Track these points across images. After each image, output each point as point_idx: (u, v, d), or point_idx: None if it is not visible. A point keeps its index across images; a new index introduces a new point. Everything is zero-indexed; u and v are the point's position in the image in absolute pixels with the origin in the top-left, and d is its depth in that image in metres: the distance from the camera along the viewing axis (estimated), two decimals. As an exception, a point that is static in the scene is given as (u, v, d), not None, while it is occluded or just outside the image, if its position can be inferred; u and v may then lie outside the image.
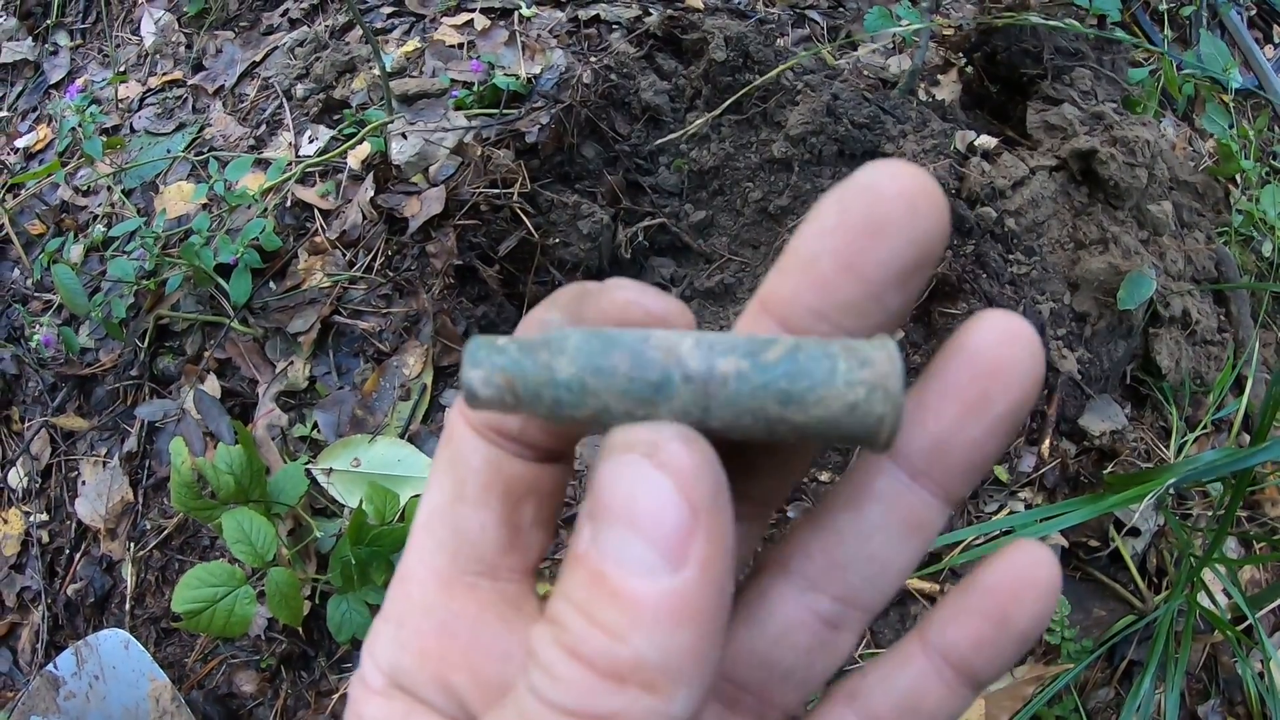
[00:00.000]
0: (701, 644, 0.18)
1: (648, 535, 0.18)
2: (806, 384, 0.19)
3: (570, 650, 0.19)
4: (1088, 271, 1.18)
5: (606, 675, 0.18)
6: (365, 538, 1.00)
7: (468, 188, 1.18)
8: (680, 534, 0.18)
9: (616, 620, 0.18)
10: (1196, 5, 1.76)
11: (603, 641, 0.18)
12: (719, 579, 0.18)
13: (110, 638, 1.17)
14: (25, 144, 1.70)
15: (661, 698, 0.18)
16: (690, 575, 0.18)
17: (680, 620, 0.18)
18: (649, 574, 0.18)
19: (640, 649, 0.18)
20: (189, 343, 1.30)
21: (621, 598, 0.18)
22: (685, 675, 0.18)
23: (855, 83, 1.31)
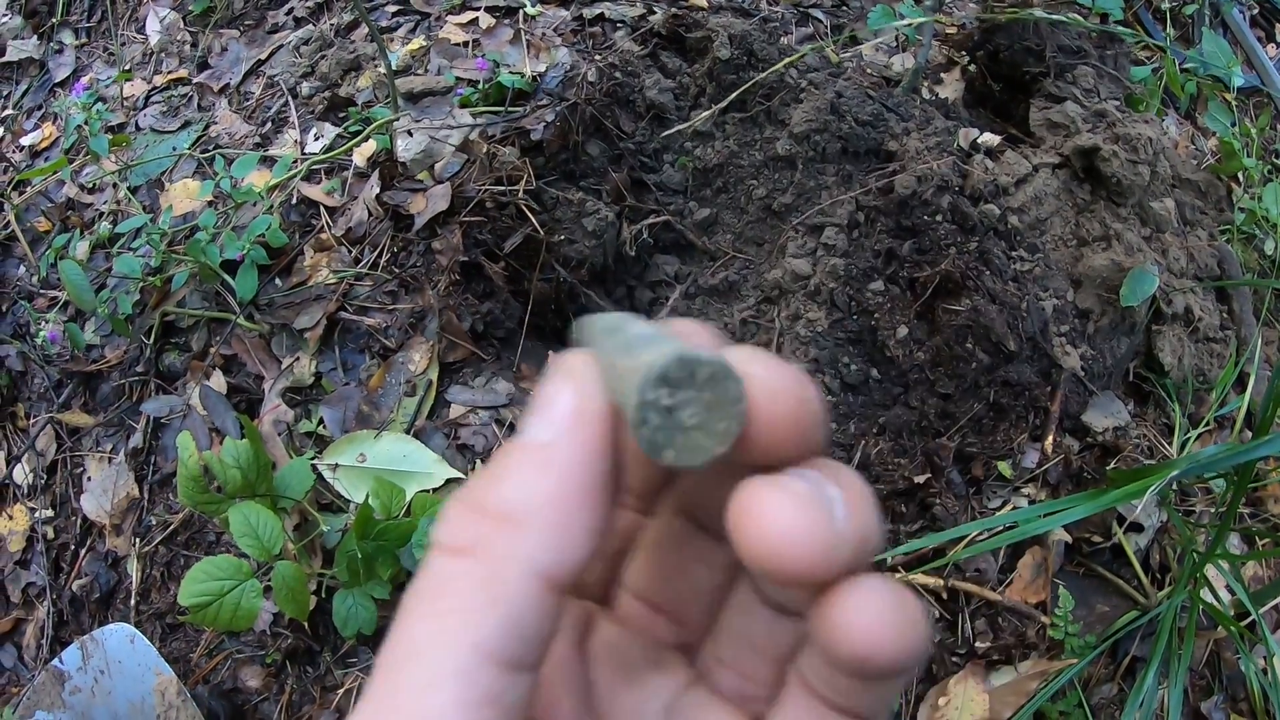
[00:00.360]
0: (564, 498, 0.21)
1: (544, 415, 0.23)
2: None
3: (458, 497, 0.23)
4: (1090, 268, 1.19)
5: (474, 509, 0.22)
6: (371, 532, 1.01)
7: (473, 185, 1.18)
8: (563, 414, 0.22)
9: (502, 465, 0.22)
10: (1199, 3, 1.77)
11: (482, 485, 0.22)
12: (590, 450, 0.22)
13: (116, 632, 1.18)
14: (30, 141, 1.71)
15: (518, 533, 0.21)
16: (562, 440, 0.22)
17: (544, 469, 0.22)
18: (531, 436, 0.22)
19: (507, 489, 0.22)
20: (195, 339, 1.31)
21: (510, 454, 0.22)
22: (541, 519, 0.21)
23: (859, 81, 1.31)
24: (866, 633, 0.20)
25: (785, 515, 0.20)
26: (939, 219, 1.14)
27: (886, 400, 1.13)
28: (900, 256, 1.15)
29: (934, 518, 1.05)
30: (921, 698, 1.00)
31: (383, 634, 1.09)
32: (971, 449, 1.10)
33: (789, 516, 0.20)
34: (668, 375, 0.21)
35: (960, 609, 1.04)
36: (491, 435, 1.14)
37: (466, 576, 0.21)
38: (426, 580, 0.22)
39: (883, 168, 1.22)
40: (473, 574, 0.21)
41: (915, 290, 1.14)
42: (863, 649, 0.21)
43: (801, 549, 0.20)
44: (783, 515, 0.20)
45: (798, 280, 1.18)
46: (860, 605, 0.21)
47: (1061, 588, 1.04)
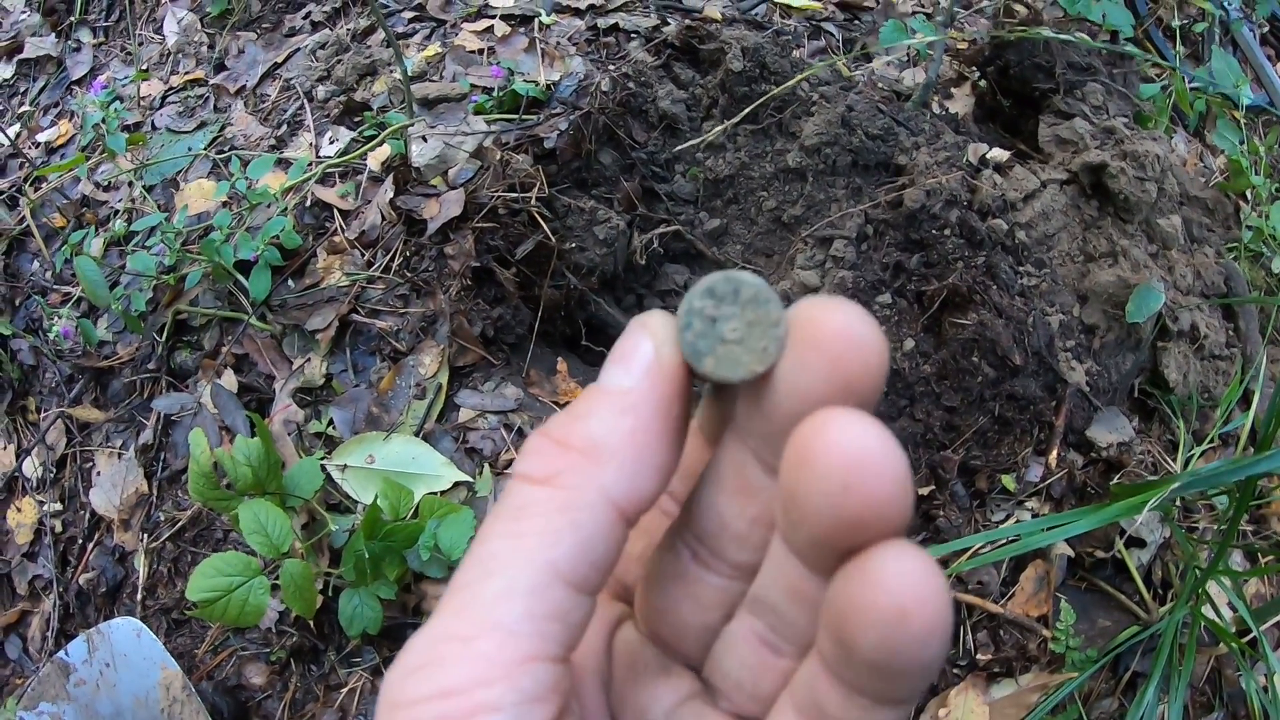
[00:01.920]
0: (641, 434, 0.23)
1: (624, 364, 0.24)
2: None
3: (542, 430, 0.24)
4: (1097, 284, 1.20)
5: (557, 443, 0.24)
6: (378, 533, 1.02)
7: (486, 191, 1.19)
8: (642, 365, 0.24)
9: (583, 406, 0.24)
10: (1209, 22, 1.78)
11: (565, 419, 0.24)
12: (665, 396, 0.24)
13: (122, 626, 1.19)
14: (47, 138, 1.73)
15: (598, 466, 0.23)
16: (641, 386, 0.24)
17: (623, 410, 0.23)
18: (613, 380, 0.24)
19: (590, 425, 0.23)
20: (207, 338, 1.32)
21: (593, 393, 0.24)
22: (619, 454, 0.23)
23: (870, 95, 1.32)
24: (901, 595, 0.19)
25: (870, 441, 0.19)
26: (947, 233, 1.15)
27: (892, 412, 1.14)
28: (908, 270, 1.16)
29: (937, 530, 1.06)
30: (921, 709, 1.01)
31: (387, 634, 1.10)
32: (976, 462, 1.11)
33: (873, 442, 0.19)
34: (714, 288, 0.23)
35: (962, 621, 1.04)
36: (500, 439, 1.15)
37: (547, 502, 0.23)
38: (508, 504, 0.23)
39: (892, 181, 1.23)
40: (553, 500, 0.23)
41: (922, 303, 1.15)
42: (895, 613, 0.19)
43: (884, 481, 0.19)
44: (867, 440, 0.19)
45: (806, 292, 1.19)
46: (900, 567, 0.19)
47: (1063, 601, 1.04)
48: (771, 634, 0.25)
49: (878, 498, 0.19)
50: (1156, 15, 1.78)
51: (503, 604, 0.22)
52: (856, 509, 0.19)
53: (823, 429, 0.20)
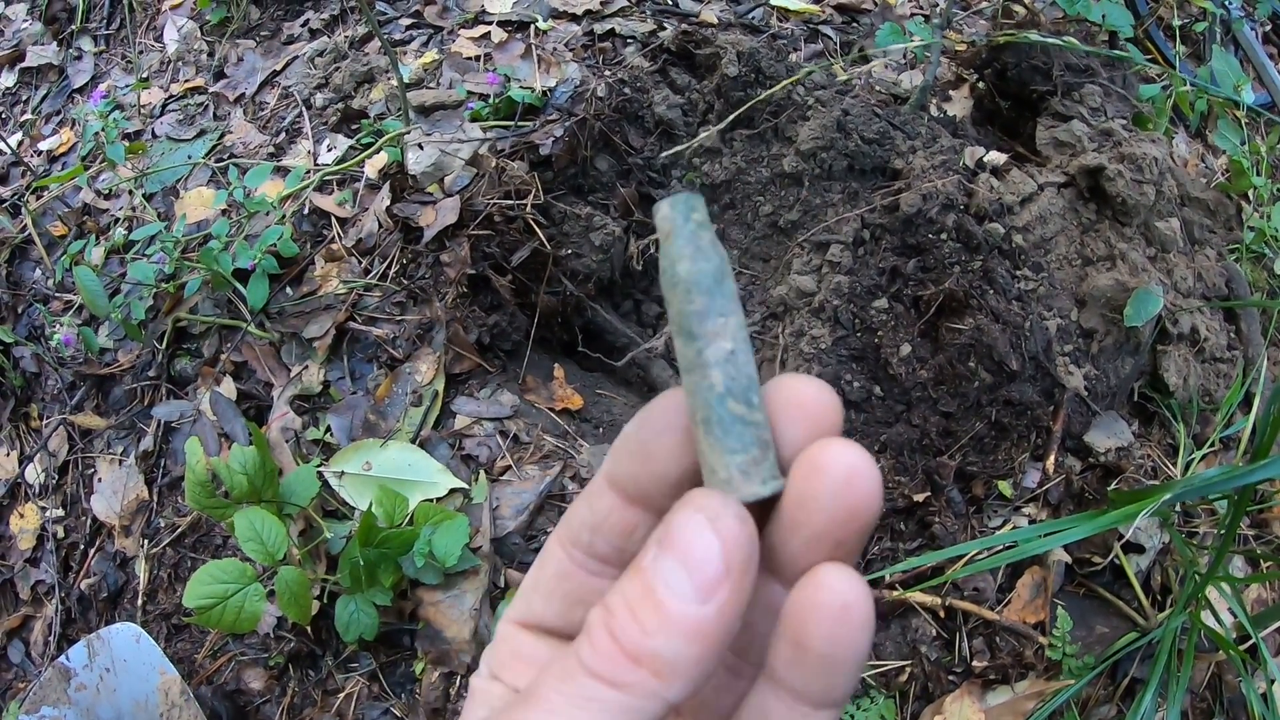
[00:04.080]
0: (704, 658, 0.25)
1: (692, 573, 0.25)
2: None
3: (611, 631, 0.26)
4: (1095, 288, 1.19)
5: (630, 656, 0.25)
6: (374, 540, 1.02)
7: (482, 198, 1.20)
8: (713, 581, 0.25)
9: (651, 621, 0.25)
10: (1210, 21, 1.77)
11: (636, 632, 0.25)
12: (730, 620, 0.25)
13: (122, 631, 1.19)
14: (48, 146, 1.74)
15: (663, 684, 0.25)
16: (710, 611, 0.25)
17: (693, 638, 0.25)
18: (683, 600, 0.25)
19: (660, 646, 0.25)
20: (206, 345, 1.33)
21: (660, 609, 0.25)
22: (684, 674, 0.25)
23: (866, 98, 1.32)
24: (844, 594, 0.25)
25: (861, 455, 0.25)
26: (944, 237, 1.15)
27: (888, 418, 1.13)
28: (904, 274, 1.15)
29: (933, 536, 1.06)
30: (917, 716, 1.00)
31: (383, 640, 1.10)
32: (972, 468, 1.10)
33: (863, 456, 0.25)
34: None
35: (958, 628, 1.04)
36: (496, 446, 1.15)
37: (616, 703, 0.26)
38: (574, 689, 0.26)
39: (888, 185, 1.22)
40: (624, 703, 0.25)
41: (919, 308, 1.15)
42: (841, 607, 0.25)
43: (872, 481, 0.25)
44: (860, 455, 0.25)
45: (802, 297, 1.19)
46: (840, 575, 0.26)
47: (1060, 608, 1.04)
48: (735, 659, 0.30)
49: (869, 491, 0.25)
50: (1157, 14, 1.77)
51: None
52: (855, 500, 0.25)
53: (828, 448, 0.26)
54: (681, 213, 0.27)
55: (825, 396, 0.27)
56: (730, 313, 0.27)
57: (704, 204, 0.27)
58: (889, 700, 1.00)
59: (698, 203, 0.27)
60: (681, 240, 0.27)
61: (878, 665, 1.02)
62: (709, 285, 0.26)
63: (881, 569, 1.03)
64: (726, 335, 0.26)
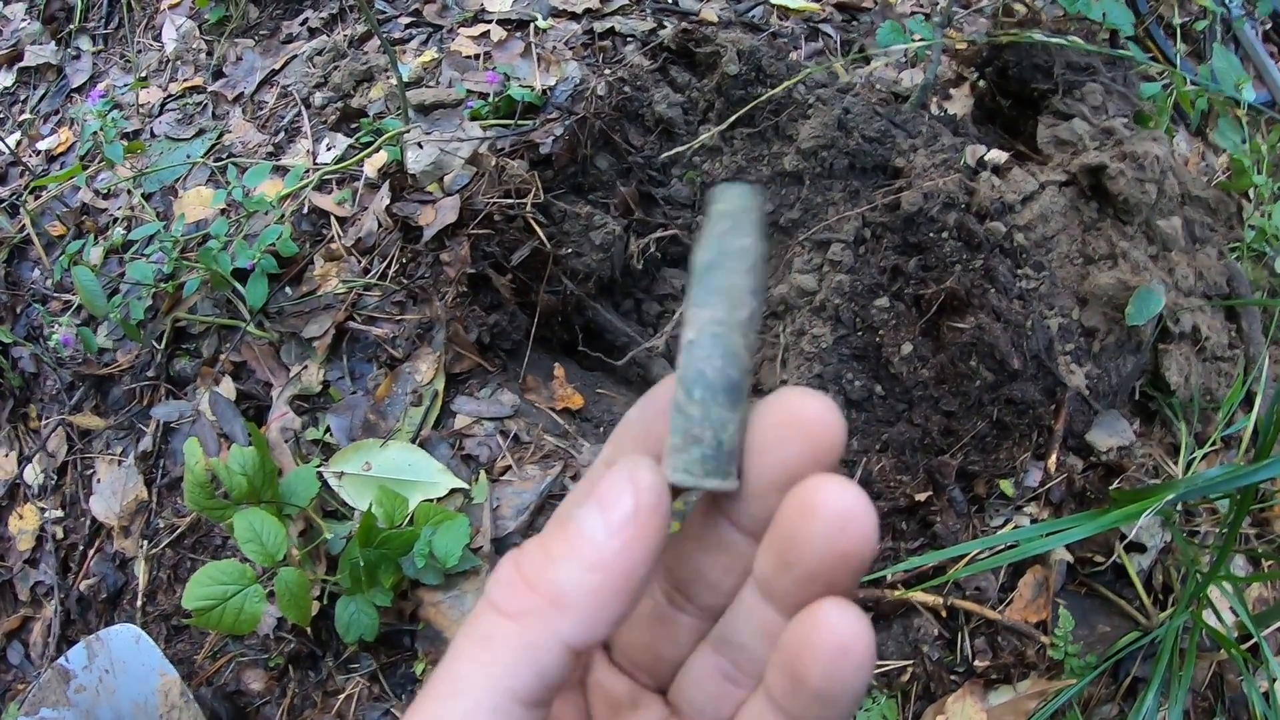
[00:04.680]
0: (603, 593, 0.26)
1: (605, 514, 0.26)
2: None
3: (515, 561, 0.27)
4: (1096, 287, 1.19)
5: (528, 582, 0.26)
6: (374, 540, 1.02)
7: (482, 197, 1.19)
8: (621, 520, 0.26)
9: (556, 549, 0.26)
10: (1210, 20, 1.76)
11: (538, 559, 0.26)
12: (634, 561, 0.26)
13: (121, 633, 1.19)
14: (47, 146, 1.73)
15: (558, 613, 0.26)
16: (614, 544, 0.26)
17: (592, 566, 0.26)
18: (591, 533, 0.26)
19: (560, 572, 0.26)
20: (205, 345, 1.32)
21: (567, 540, 0.26)
22: (581, 608, 0.26)
23: (867, 97, 1.31)
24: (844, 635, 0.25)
25: (858, 497, 0.25)
26: (945, 236, 1.15)
27: (890, 417, 1.13)
28: (906, 273, 1.15)
29: (935, 535, 1.05)
30: (919, 716, 1.00)
31: (384, 641, 1.10)
32: (974, 467, 1.10)
33: (859, 498, 0.25)
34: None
35: (959, 627, 1.04)
36: (496, 446, 1.15)
37: (511, 638, 0.26)
38: (477, 629, 0.27)
39: (889, 184, 1.22)
40: (517, 637, 0.26)
41: (920, 307, 1.14)
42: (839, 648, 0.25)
43: (867, 525, 0.25)
44: (856, 496, 0.25)
45: (804, 296, 1.19)
46: (841, 615, 0.25)
47: (1062, 607, 1.04)
48: (734, 669, 0.31)
49: (863, 536, 0.25)
50: (1157, 13, 1.77)
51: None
52: (848, 545, 0.25)
53: (823, 487, 0.26)
54: (722, 201, 0.29)
55: (828, 416, 0.27)
56: (706, 304, 0.28)
57: (748, 194, 0.29)
58: (891, 700, 1.00)
59: (737, 193, 0.28)
60: (706, 228, 0.29)
61: (880, 665, 1.02)
62: (700, 274, 0.28)
63: (883, 568, 1.03)
64: (693, 324, 0.28)
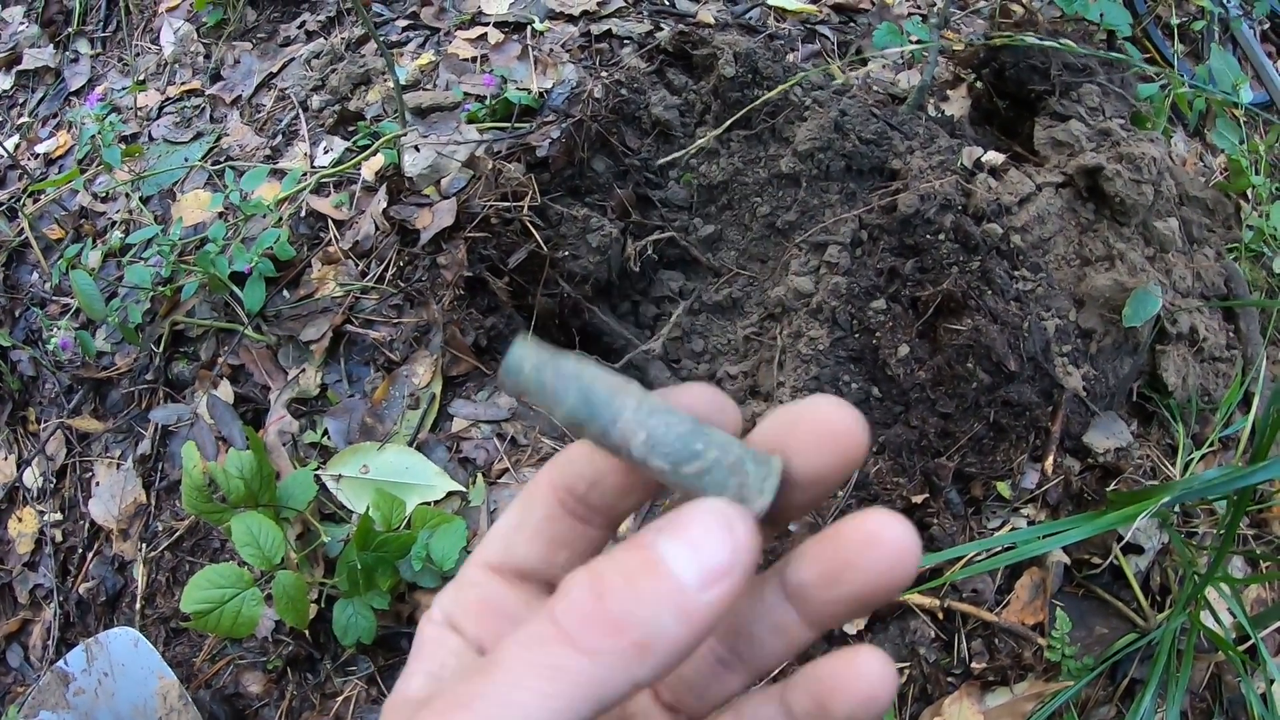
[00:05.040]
0: (685, 645, 0.24)
1: (700, 558, 0.24)
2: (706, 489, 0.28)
3: (598, 592, 0.24)
4: (1093, 288, 1.19)
5: (613, 620, 0.24)
6: (371, 544, 1.02)
7: (478, 200, 1.19)
8: (718, 571, 0.24)
9: (648, 588, 0.24)
10: (1208, 20, 1.76)
11: (628, 597, 0.24)
12: (717, 617, 0.25)
13: (120, 636, 1.19)
14: (45, 149, 1.74)
15: (640, 660, 0.24)
16: (707, 598, 0.24)
17: (684, 618, 0.24)
18: (685, 578, 0.24)
19: (650, 616, 0.24)
20: (203, 348, 1.32)
21: (660, 578, 0.24)
22: (663, 656, 0.24)
23: (864, 98, 1.32)
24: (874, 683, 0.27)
25: (911, 536, 0.27)
26: (941, 238, 1.15)
27: (887, 419, 1.13)
28: (902, 275, 1.15)
29: (932, 538, 1.06)
30: (916, 718, 1.00)
31: (381, 643, 1.10)
32: (971, 469, 1.10)
33: (912, 538, 0.27)
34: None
35: (956, 629, 1.04)
36: (493, 449, 1.15)
37: (584, 674, 0.24)
38: (541, 656, 0.24)
39: (886, 186, 1.22)
40: (590, 674, 0.24)
41: (917, 309, 1.14)
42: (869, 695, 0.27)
43: (914, 561, 0.27)
44: (908, 538, 0.27)
45: (800, 298, 1.19)
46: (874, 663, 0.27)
47: (1059, 609, 1.04)
48: (729, 654, 0.31)
49: (910, 575, 0.27)
50: (1155, 13, 1.77)
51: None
52: (898, 580, 0.27)
53: (890, 523, 0.27)
54: (517, 370, 0.27)
55: (858, 428, 0.28)
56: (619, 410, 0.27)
57: (527, 348, 0.28)
58: (888, 702, 1.00)
59: (522, 353, 0.27)
60: (538, 395, 0.27)
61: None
62: (585, 413, 0.27)
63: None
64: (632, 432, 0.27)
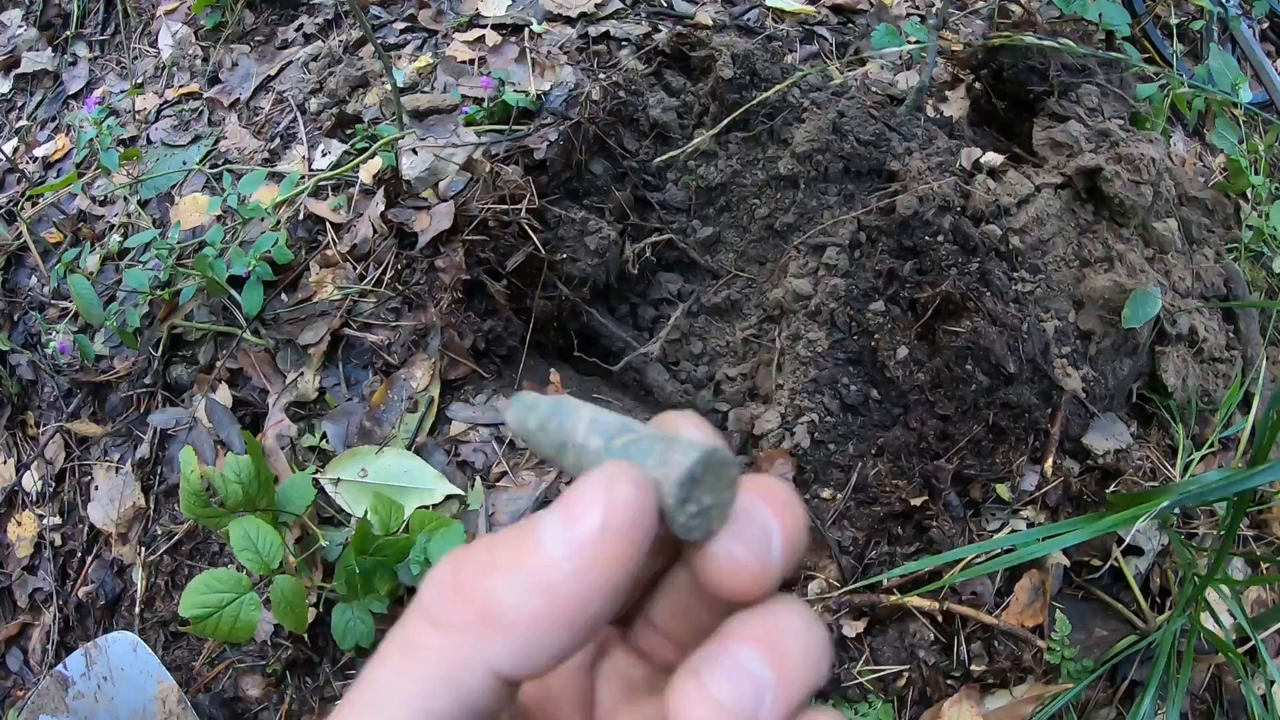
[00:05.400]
0: (545, 620, 0.21)
1: (567, 525, 0.22)
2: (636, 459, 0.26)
3: (454, 562, 0.23)
4: (1092, 289, 1.19)
5: (462, 592, 0.22)
6: (370, 547, 1.02)
7: (476, 203, 1.19)
8: (583, 539, 0.22)
9: (502, 559, 0.22)
10: (1206, 20, 1.76)
11: (480, 564, 0.22)
12: (588, 585, 0.22)
13: (119, 640, 1.19)
14: (44, 153, 1.73)
15: (488, 635, 0.21)
16: (567, 566, 0.21)
17: (536, 589, 0.21)
18: (547, 547, 0.22)
19: (499, 586, 0.22)
20: (201, 352, 1.32)
21: (517, 549, 0.22)
22: (516, 633, 0.21)
23: (862, 100, 1.31)
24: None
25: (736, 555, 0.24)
26: (940, 239, 1.15)
27: (885, 421, 1.13)
28: (901, 277, 1.15)
29: (931, 540, 1.05)
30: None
31: (382, 648, 1.10)
32: (970, 471, 1.10)
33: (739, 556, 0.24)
34: (696, 476, 0.24)
35: (956, 632, 1.03)
36: (492, 452, 1.15)
37: (435, 652, 0.22)
38: (402, 633, 0.23)
39: (885, 188, 1.22)
40: (442, 652, 0.22)
41: (916, 311, 1.14)
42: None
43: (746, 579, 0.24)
44: (734, 556, 0.24)
45: (799, 300, 1.19)
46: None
47: (1059, 611, 1.04)
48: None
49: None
50: (1154, 13, 1.77)
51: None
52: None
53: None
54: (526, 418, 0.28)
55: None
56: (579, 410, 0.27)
57: (524, 400, 0.29)
58: (887, 705, 1.00)
59: (525, 403, 0.29)
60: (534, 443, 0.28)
61: (876, 670, 1.02)
62: (553, 448, 0.27)
63: (879, 573, 1.03)
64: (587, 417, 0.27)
